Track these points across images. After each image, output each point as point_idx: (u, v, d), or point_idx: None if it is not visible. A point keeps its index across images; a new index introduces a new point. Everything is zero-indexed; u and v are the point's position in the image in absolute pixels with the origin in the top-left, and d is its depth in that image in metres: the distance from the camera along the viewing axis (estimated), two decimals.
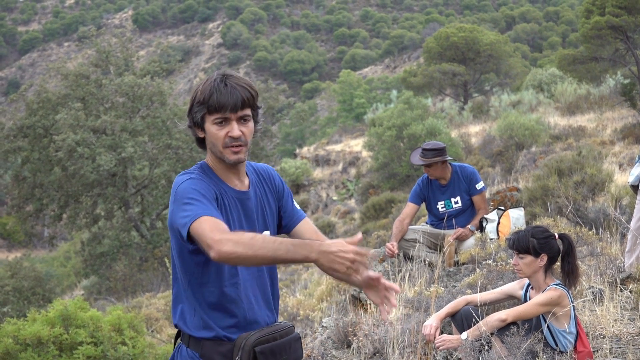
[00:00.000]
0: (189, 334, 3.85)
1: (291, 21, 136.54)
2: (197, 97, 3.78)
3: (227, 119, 3.78)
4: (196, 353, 3.82)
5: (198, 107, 3.79)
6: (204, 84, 3.81)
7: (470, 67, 44.28)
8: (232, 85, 3.76)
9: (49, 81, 32.98)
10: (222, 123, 3.78)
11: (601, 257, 8.44)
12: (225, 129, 3.79)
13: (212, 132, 3.79)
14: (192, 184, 3.71)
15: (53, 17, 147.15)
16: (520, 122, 26.33)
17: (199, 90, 3.79)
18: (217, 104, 3.74)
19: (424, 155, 9.63)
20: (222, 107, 3.75)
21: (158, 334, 15.35)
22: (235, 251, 3.39)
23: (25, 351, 8.49)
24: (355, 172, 38.42)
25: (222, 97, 3.74)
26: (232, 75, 3.83)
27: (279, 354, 3.89)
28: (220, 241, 3.41)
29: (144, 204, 31.43)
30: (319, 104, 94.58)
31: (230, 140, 3.79)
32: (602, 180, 12.46)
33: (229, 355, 3.81)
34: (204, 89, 3.77)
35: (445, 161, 9.70)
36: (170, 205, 3.76)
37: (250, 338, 3.81)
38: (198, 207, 3.59)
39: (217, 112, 3.76)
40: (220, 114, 3.76)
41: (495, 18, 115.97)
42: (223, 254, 3.41)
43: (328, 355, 7.28)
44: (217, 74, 3.82)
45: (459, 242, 9.59)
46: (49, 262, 44.97)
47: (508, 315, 5.88)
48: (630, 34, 29.07)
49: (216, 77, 3.79)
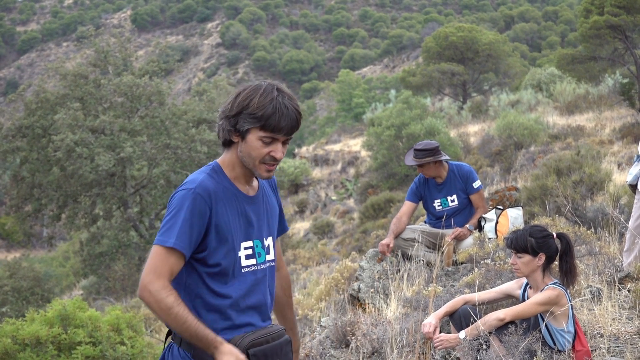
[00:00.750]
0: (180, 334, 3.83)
1: (290, 21, 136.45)
2: (253, 110, 3.74)
3: (275, 140, 3.80)
4: (188, 353, 3.80)
5: (250, 119, 3.75)
6: (259, 95, 3.75)
7: (469, 66, 44.27)
8: (291, 109, 3.76)
9: (48, 81, 32.97)
10: (270, 143, 3.79)
11: (599, 256, 8.44)
12: (269, 148, 3.80)
13: (255, 146, 3.79)
14: (184, 198, 3.75)
15: (52, 17, 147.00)
16: (519, 122, 26.35)
17: (254, 102, 3.74)
18: (276, 127, 3.75)
19: (415, 155, 9.63)
20: (280, 130, 3.76)
21: (157, 333, 15.36)
22: (150, 305, 3.66)
23: (24, 351, 8.50)
24: (354, 171, 38.45)
25: (283, 122, 3.74)
26: (287, 94, 3.81)
27: (271, 357, 3.89)
28: (145, 287, 3.64)
29: (142, 204, 31.43)
30: (318, 104, 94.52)
31: (269, 159, 3.82)
32: (601, 180, 12.47)
33: None
34: (263, 103, 3.73)
35: (438, 161, 9.68)
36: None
37: (244, 340, 3.81)
38: (165, 231, 3.71)
39: (271, 132, 3.76)
40: (272, 135, 3.77)
41: (494, 18, 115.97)
42: (142, 299, 3.68)
43: (327, 354, 7.28)
44: (273, 88, 3.78)
45: (457, 242, 9.59)
46: (47, 262, 44.95)
47: (506, 314, 5.88)
48: (629, 34, 29.06)
49: (277, 95, 3.76)
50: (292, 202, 37.74)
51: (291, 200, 38.10)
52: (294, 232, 30.96)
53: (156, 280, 3.60)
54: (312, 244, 27.81)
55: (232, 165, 3.90)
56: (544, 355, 5.71)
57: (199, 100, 31.57)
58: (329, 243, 27.45)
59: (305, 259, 21.74)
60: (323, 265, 19.08)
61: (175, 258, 3.67)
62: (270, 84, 3.81)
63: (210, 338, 3.65)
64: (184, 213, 3.69)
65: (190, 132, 29.15)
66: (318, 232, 29.81)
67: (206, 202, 3.75)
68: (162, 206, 31.27)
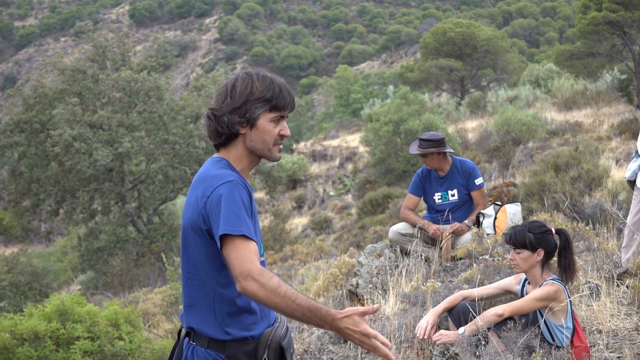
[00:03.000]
0: (208, 335, 3.82)
1: (288, 16, 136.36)
2: (261, 94, 3.83)
3: (282, 118, 3.91)
4: (220, 354, 3.79)
5: (260, 104, 3.83)
6: (257, 81, 3.86)
7: (467, 62, 44.27)
8: (285, 84, 3.92)
9: (46, 76, 32.96)
10: (279, 121, 3.90)
11: (598, 252, 8.45)
12: (278, 127, 3.91)
13: (269, 129, 3.88)
14: (232, 189, 3.71)
15: (50, 12, 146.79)
16: (517, 118, 26.36)
17: (256, 88, 3.84)
18: (284, 104, 3.88)
19: (420, 145, 9.63)
20: (287, 106, 3.90)
21: (155, 329, 15.35)
22: (256, 294, 3.54)
23: (22, 346, 8.49)
24: (352, 167, 38.48)
25: (288, 97, 3.89)
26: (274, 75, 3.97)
27: (292, 347, 3.98)
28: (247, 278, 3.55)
29: (140, 199, 31.40)
30: (316, 99, 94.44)
31: (280, 138, 3.93)
32: (599, 176, 12.48)
33: (254, 354, 3.83)
34: (266, 86, 3.85)
35: (442, 153, 9.68)
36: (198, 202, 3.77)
37: (275, 335, 3.87)
38: (235, 223, 3.63)
39: (280, 110, 3.88)
40: (281, 113, 3.89)
41: (492, 13, 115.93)
42: (246, 292, 3.56)
43: (325, 350, 7.29)
44: (262, 72, 3.92)
45: (455, 237, 9.59)
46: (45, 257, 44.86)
47: (505, 310, 5.89)
48: (627, 30, 29.07)
49: (270, 76, 3.90)
50: (290, 198, 37.77)
51: (289, 196, 38.12)
52: (292, 228, 30.96)
53: (253, 267, 3.55)
54: (310, 239, 27.83)
55: (239, 159, 3.92)
56: (543, 351, 5.71)
57: (197, 95, 31.52)
58: (326, 239, 27.46)
59: (303, 255, 21.72)
60: (321, 261, 19.04)
61: (253, 245, 3.63)
62: (257, 69, 3.96)
63: (325, 310, 3.61)
64: (238, 203, 3.68)
65: (188, 127, 29.13)
66: (316, 228, 29.83)
67: (247, 193, 3.78)
68: (160, 201, 31.27)
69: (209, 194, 3.71)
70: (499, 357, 5.57)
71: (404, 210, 9.93)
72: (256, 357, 3.82)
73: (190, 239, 3.82)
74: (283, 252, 23.05)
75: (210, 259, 3.78)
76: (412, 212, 9.91)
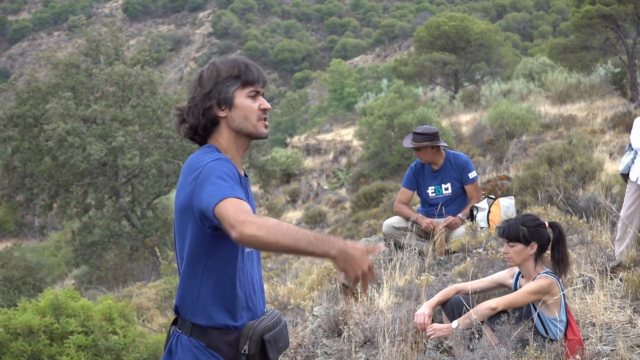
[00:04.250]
0: (192, 322, 3.81)
1: (282, 10, 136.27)
2: (228, 73, 3.86)
3: (258, 93, 3.91)
4: (202, 342, 3.77)
5: (230, 82, 3.85)
6: (222, 64, 3.90)
7: (461, 56, 44.24)
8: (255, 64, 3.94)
9: (39, 70, 32.89)
10: (255, 96, 3.90)
11: (591, 245, 8.47)
12: (257, 103, 3.90)
13: (247, 105, 3.87)
14: (220, 164, 3.66)
15: (43, 6, 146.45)
16: (511, 111, 26.40)
17: (222, 69, 3.87)
18: (255, 77, 3.88)
19: (414, 138, 9.63)
20: (258, 79, 3.90)
21: (149, 323, 15.35)
22: (256, 235, 3.37)
23: (16, 340, 8.49)
24: (346, 161, 38.48)
25: (256, 71, 3.90)
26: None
27: (278, 341, 3.93)
28: (244, 223, 3.38)
29: (134, 193, 31.38)
30: (310, 93, 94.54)
31: (262, 113, 3.91)
32: (593, 169, 12.50)
33: (235, 345, 3.80)
34: (231, 66, 3.87)
35: (436, 146, 9.69)
36: (188, 185, 3.69)
37: (258, 327, 3.83)
38: (225, 188, 3.54)
39: (252, 84, 3.89)
40: (255, 87, 3.89)
41: (486, 7, 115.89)
42: (245, 236, 3.38)
43: (319, 343, 7.29)
44: (229, 57, 3.98)
45: (449, 231, 9.59)
46: (39, 251, 44.81)
47: (498, 303, 5.90)
48: (620, 23, 29.10)
49: (236, 57, 3.94)
50: (284, 192, 37.77)
51: (283, 190, 38.12)
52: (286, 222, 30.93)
53: (249, 214, 3.43)
54: None
55: (226, 146, 3.90)
56: (536, 345, 5.72)
57: None
58: (321, 232, 27.42)
59: None
60: None
61: (246, 204, 3.52)
62: (214, 59, 4.01)
63: (327, 238, 3.50)
64: (228, 174, 3.63)
65: None
66: (310, 222, 29.82)
67: (236, 170, 3.74)
68: (154, 195, 31.24)
69: (197, 173, 3.65)
70: (493, 351, 5.57)
71: (398, 204, 9.95)
72: (237, 347, 3.80)
73: (181, 223, 3.79)
74: None
75: (200, 242, 3.74)
76: (406, 205, 9.92)
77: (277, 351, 3.93)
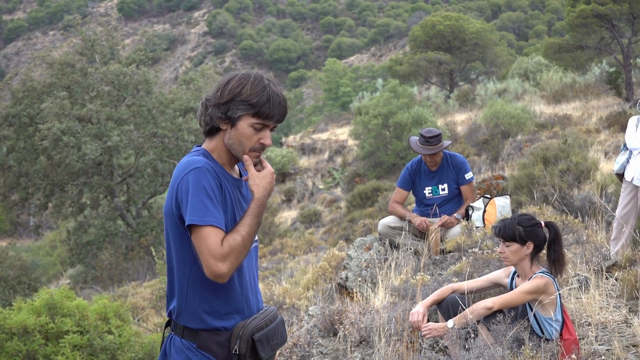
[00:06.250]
0: (183, 325, 3.85)
1: (277, 9, 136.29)
2: (246, 97, 3.79)
3: (266, 127, 3.87)
4: (192, 344, 3.82)
5: (243, 106, 3.80)
6: (251, 83, 3.81)
7: (456, 55, 44.28)
8: (281, 97, 3.86)
9: (34, 70, 32.87)
10: (261, 129, 3.86)
11: (587, 245, 8.47)
12: (259, 135, 3.87)
13: (246, 133, 3.85)
14: (197, 176, 3.71)
15: (38, 6, 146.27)
16: (506, 111, 26.42)
17: (246, 90, 3.80)
18: (269, 114, 3.83)
19: (430, 143, 9.60)
20: (272, 117, 3.84)
21: (144, 322, 15.34)
22: (228, 271, 3.67)
23: (11, 340, 8.48)
24: (341, 160, 38.46)
25: (276, 109, 3.83)
26: (275, 83, 3.91)
27: (272, 339, 3.96)
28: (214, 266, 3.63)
29: (129, 192, 31.38)
30: (305, 93, 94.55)
31: (259, 147, 3.88)
32: (588, 169, 12.49)
33: (226, 345, 3.84)
34: (256, 91, 3.80)
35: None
36: (174, 193, 3.76)
37: (248, 326, 3.85)
38: (200, 211, 3.65)
39: (263, 119, 3.83)
40: (264, 121, 3.84)
41: (481, 6, 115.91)
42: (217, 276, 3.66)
43: (314, 343, 7.29)
44: (263, 77, 3.87)
45: (444, 230, 9.59)
46: (34, 251, 44.78)
47: (494, 303, 5.89)
48: (615, 23, 29.13)
49: (268, 83, 3.84)
50: (279, 191, 37.73)
51: (278, 189, 38.08)
52: (281, 221, 30.95)
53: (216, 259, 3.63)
54: (299, 232, 27.83)
55: (218, 152, 3.91)
56: (532, 344, 5.72)
57: (186, 89, 31.49)
58: (316, 232, 27.46)
59: (292, 248, 21.73)
60: (310, 254, 19.07)
61: (219, 232, 3.66)
62: (258, 73, 3.86)
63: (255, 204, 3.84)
64: (204, 190, 3.69)
65: (177, 120, 29.13)
66: (305, 221, 29.81)
67: (216, 179, 3.77)
68: (149, 195, 31.23)
69: (178, 182, 3.73)
70: (488, 350, 5.57)
71: (392, 204, 9.95)
72: (228, 348, 3.83)
73: (168, 226, 3.84)
74: (272, 245, 23.07)
75: (185, 246, 3.79)
76: (400, 205, 9.92)
77: (271, 348, 3.97)
